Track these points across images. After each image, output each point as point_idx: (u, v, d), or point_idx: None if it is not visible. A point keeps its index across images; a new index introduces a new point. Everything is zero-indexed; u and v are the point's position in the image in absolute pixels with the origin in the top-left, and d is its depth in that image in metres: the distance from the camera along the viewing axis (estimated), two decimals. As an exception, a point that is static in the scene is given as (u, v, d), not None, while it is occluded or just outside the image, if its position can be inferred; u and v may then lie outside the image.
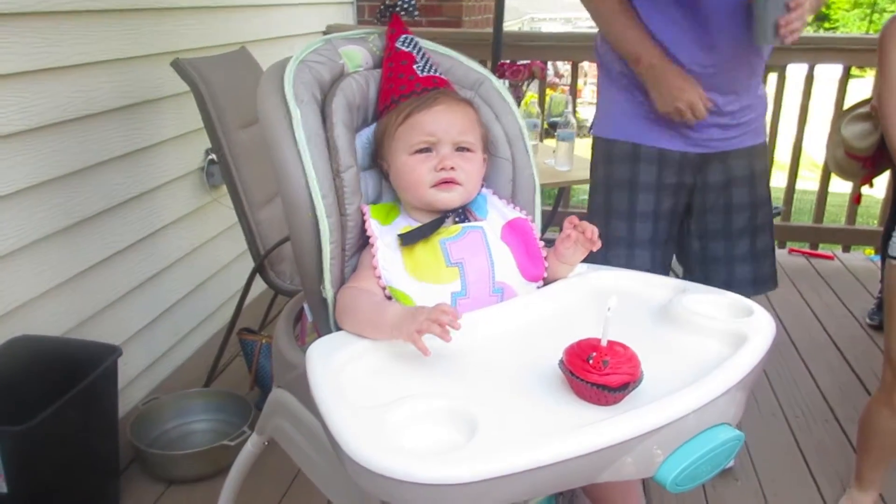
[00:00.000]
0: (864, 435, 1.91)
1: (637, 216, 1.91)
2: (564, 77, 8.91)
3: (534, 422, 0.87)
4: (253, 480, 1.70)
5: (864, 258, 3.98)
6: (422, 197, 1.15)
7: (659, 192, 1.89)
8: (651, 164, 1.87)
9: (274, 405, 1.33)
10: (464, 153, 1.15)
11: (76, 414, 1.74)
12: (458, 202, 1.16)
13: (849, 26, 17.26)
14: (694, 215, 1.96)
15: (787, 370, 2.77)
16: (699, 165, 1.89)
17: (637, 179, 1.89)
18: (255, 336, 2.39)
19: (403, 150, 1.14)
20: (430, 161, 1.13)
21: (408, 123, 1.14)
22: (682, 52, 1.75)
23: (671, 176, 1.88)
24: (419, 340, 0.95)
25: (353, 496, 1.13)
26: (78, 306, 2.14)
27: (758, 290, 2.02)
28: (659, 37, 1.75)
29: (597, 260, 1.87)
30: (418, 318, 0.95)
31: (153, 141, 2.41)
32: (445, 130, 1.13)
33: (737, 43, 1.72)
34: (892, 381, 1.75)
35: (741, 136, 1.88)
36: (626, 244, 1.93)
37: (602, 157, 1.96)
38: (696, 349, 1.02)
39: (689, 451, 0.86)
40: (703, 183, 1.91)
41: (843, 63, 3.74)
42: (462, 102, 1.19)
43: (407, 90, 1.16)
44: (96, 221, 2.18)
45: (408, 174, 1.14)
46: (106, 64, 2.17)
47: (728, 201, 1.94)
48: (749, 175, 1.93)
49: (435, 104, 1.14)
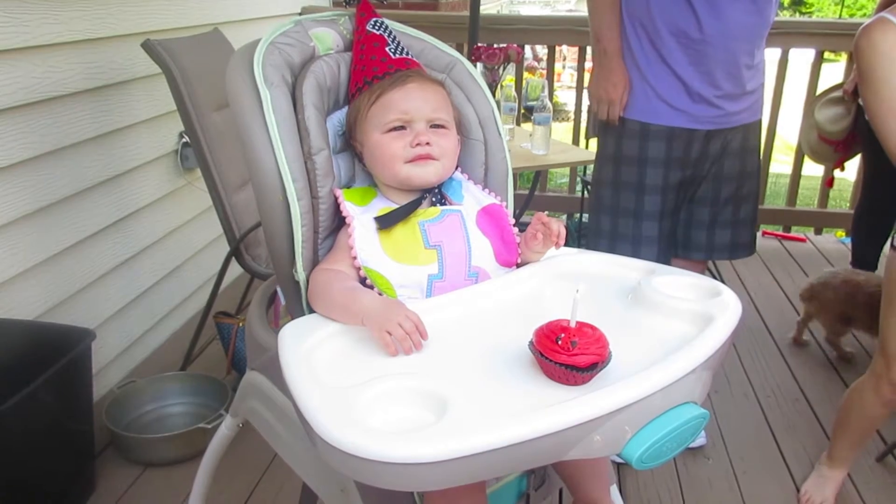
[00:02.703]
0: (845, 417, 1.93)
1: (646, 190, 2.01)
2: (543, 60, 8.91)
3: (503, 401, 0.88)
4: (230, 463, 1.70)
5: (835, 240, 4.04)
6: (397, 174, 1.14)
7: (667, 166, 1.99)
8: (660, 140, 1.96)
9: (247, 387, 1.34)
10: (438, 129, 1.15)
11: (49, 398, 1.73)
12: (435, 178, 1.15)
13: (824, 10, 17.37)
14: (687, 183, 2.05)
15: (758, 351, 2.82)
16: (705, 140, 1.98)
17: (646, 155, 1.99)
18: (231, 319, 2.39)
19: (376, 128, 1.14)
20: (405, 138, 1.13)
21: (380, 102, 1.13)
22: (687, 22, 1.84)
23: (678, 150, 1.97)
24: (387, 340, 0.95)
25: (326, 476, 1.14)
26: (51, 290, 2.12)
27: (734, 256, 2.14)
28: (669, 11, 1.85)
29: (606, 228, 2.03)
30: (391, 321, 0.95)
31: (125, 123, 2.38)
32: (419, 108, 1.13)
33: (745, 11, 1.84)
34: (883, 368, 1.76)
35: (745, 112, 1.99)
36: (633, 215, 2.04)
37: (613, 134, 2.04)
38: (663, 329, 1.03)
39: (655, 428, 0.88)
40: (703, 153, 2.00)
41: (815, 48, 3.77)
42: (434, 82, 1.19)
43: (380, 72, 1.16)
44: (68, 204, 2.16)
45: (382, 152, 1.14)
46: (74, 45, 2.13)
47: (719, 171, 2.04)
48: (742, 148, 2.03)
49: (407, 82, 1.14)
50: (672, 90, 1.91)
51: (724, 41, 1.85)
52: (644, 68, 1.92)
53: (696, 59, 1.87)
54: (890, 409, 1.83)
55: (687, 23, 1.84)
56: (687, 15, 1.83)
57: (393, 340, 0.95)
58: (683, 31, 1.84)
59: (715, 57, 1.86)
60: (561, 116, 7.77)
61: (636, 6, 1.89)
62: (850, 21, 5.33)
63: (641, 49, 1.91)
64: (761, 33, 1.91)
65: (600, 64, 1.99)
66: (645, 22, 1.89)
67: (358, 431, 0.80)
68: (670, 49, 1.88)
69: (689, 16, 1.83)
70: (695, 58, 1.87)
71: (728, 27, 1.83)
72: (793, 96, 3.86)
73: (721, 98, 1.92)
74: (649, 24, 1.88)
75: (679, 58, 1.88)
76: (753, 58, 1.93)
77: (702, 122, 1.94)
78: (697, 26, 1.83)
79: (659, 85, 1.92)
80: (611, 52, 1.95)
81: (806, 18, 14.13)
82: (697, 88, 1.90)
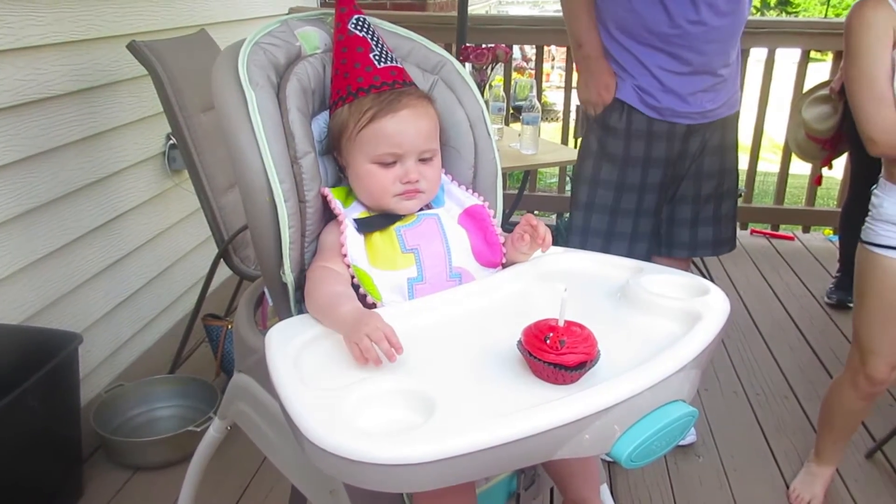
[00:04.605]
0: (827, 414, 1.95)
1: (625, 188, 2.02)
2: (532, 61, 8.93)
3: (492, 401, 0.88)
4: (219, 466, 1.69)
5: (822, 238, 4.07)
6: (385, 205, 1.14)
7: (646, 166, 1.99)
8: (640, 139, 1.97)
9: (235, 389, 1.33)
10: (427, 162, 1.14)
11: (36, 402, 1.71)
12: (418, 208, 1.16)
13: (810, 10, 17.47)
14: (668, 182, 2.05)
15: (748, 349, 2.83)
16: (685, 138, 1.98)
17: (628, 154, 1.99)
18: (220, 322, 2.38)
19: (366, 156, 1.12)
20: (395, 171, 1.12)
21: (372, 130, 1.10)
22: (677, 9, 1.83)
23: (659, 150, 1.97)
24: (357, 354, 0.93)
25: (315, 479, 1.14)
26: (37, 293, 2.10)
27: (717, 252, 2.16)
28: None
29: (579, 223, 2.06)
30: (359, 332, 0.93)
31: (111, 125, 2.37)
32: (412, 143, 1.12)
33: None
34: (858, 363, 1.78)
35: (722, 107, 2.00)
36: (609, 211, 2.04)
37: (598, 124, 2.04)
38: (651, 328, 1.03)
39: (644, 427, 0.88)
40: (683, 151, 2.00)
41: (801, 47, 3.80)
42: (423, 100, 1.15)
43: (365, 83, 1.12)
44: (55, 206, 2.14)
45: (371, 183, 1.13)
46: (59, 46, 2.12)
47: (700, 168, 2.05)
48: (721, 145, 2.05)
49: (399, 108, 1.11)
50: (651, 87, 1.92)
51: (698, 40, 1.85)
52: (625, 66, 1.94)
53: (671, 56, 1.88)
54: (869, 403, 1.85)
55: (659, 22, 1.84)
56: (659, 14, 1.84)
57: (367, 347, 0.92)
58: (657, 29, 1.85)
59: (691, 54, 1.87)
60: (550, 116, 7.78)
61: (611, 6, 1.90)
62: (836, 21, 5.36)
63: (618, 49, 1.93)
64: (736, 32, 1.92)
65: (586, 69, 2.00)
66: (620, 22, 1.90)
67: (345, 433, 0.79)
68: (645, 47, 1.89)
69: (662, 14, 1.84)
70: (670, 55, 1.88)
71: (703, 26, 1.84)
72: (779, 95, 3.88)
73: (698, 94, 1.93)
74: (623, 24, 1.90)
75: (654, 56, 1.89)
76: (729, 56, 1.94)
77: (682, 116, 1.94)
78: (670, 24, 1.84)
79: (640, 81, 1.92)
80: (594, 56, 1.96)
81: (792, 18, 14.22)
82: (676, 86, 1.90)
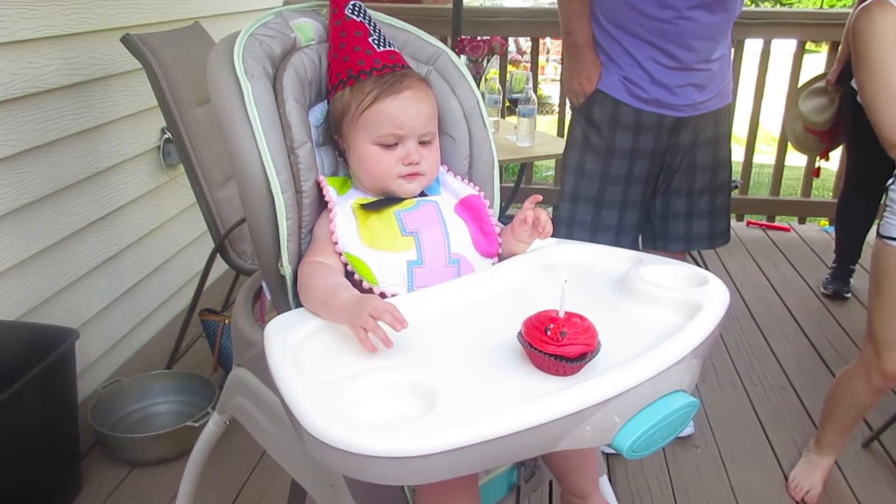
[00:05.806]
0: (833, 405, 1.94)
1: (609, 180, 2.00)
2: (527, 53, 8.92)
3: (492, 393, 0.87)
4: (218, 461, 1.69)
5: (818, 229, 4.07)
6: (386, 187, 1.14)
7: (633, 158, 1.98)
8: (626, 131, 1.95)
9: (234, 384, 1.32)
10: (427, 145, 1.15)
11: (33, 399, 1.71)
12: (418, 191, 1.17)
13: (805, 1, 17.46)
14: (661, 175, 2.04)
15: (745, 340, 2.84)
16: (673, 129, 1.97)
17: (613, 146, 1.97)
18: (217, 316, 2.37)
19: (368, 137, 1.12)
20: (396, 153, 1.13)
21: (374, 110, 1.11)
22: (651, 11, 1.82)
23: (647, 142, 1.96)
24: (363, 337, 0.93)
25: (315, 472, 1.13)
26: (33, 289, 2.09)
27: (712, 245, 2.16)
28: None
29: (565, 215, 1.99)
30: (362, 314, 0.93)
31: (106, 119, 2.35)
32: (413, 125, 1.12)
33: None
34: (872, 357, 1.76)
35: (713, 99, 1.98)
36: (594, 203, 2.03)
37: (582, 115, 2.03)
38: (652, 319, 1.03)
39: (646, 418, 0.87)
40: (674, 144, 1.99)
41: (797, 38, 3.79)
42: (423, 83, 1.16)
43: (366, 66, 1.13)
44: (50, 201, 2.13)
45: (373, 164, 1.13)
46: (53, 40, 2.10)
47: (692, 161, 2.03)
48: (713, 137, 2.03)
49: (401, 89, 1.12)
50: (640, 78, 1.91)
51: (688, 35, 1.84)
52: (613, 56, 1.92)
53: (660, 51, 1.86)
54: (878, 397, 1.84)
55: (651, 14, 1.83)
56: (650, 6, 1.82)
57: (369, 336, 0.93)
58: (648, 22, 1.84)
59: (680, 50, 1.85)
60: (545, 109, 7.76)
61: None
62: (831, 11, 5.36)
63: (608, 39, 1.91)
64: (727, 28, 1.90)
65: (572, 57, 1.99)
66: (612, 12, 1.89)
67: (346, 426, 0.79)
68: (635, 39, 1.87)
69: (653, 7, 1.82)
70: (660, 50, 1.86)
71: (694, 22, 1.82)
72: (775, 87, 3.88)
73: (687, 86, 1.91)
74: (615, 15, 1.88)
75: (644, 48, 1.87)
76: (718, 51, 1.92)
77: (670, 108, 1.93)
78: (662, 18, 1.82)
79: (628, 72, 1.91)
80: (582, 45, 1.95)
81: (787, 9, 14.20)
82: (664, 77, 1.89)
